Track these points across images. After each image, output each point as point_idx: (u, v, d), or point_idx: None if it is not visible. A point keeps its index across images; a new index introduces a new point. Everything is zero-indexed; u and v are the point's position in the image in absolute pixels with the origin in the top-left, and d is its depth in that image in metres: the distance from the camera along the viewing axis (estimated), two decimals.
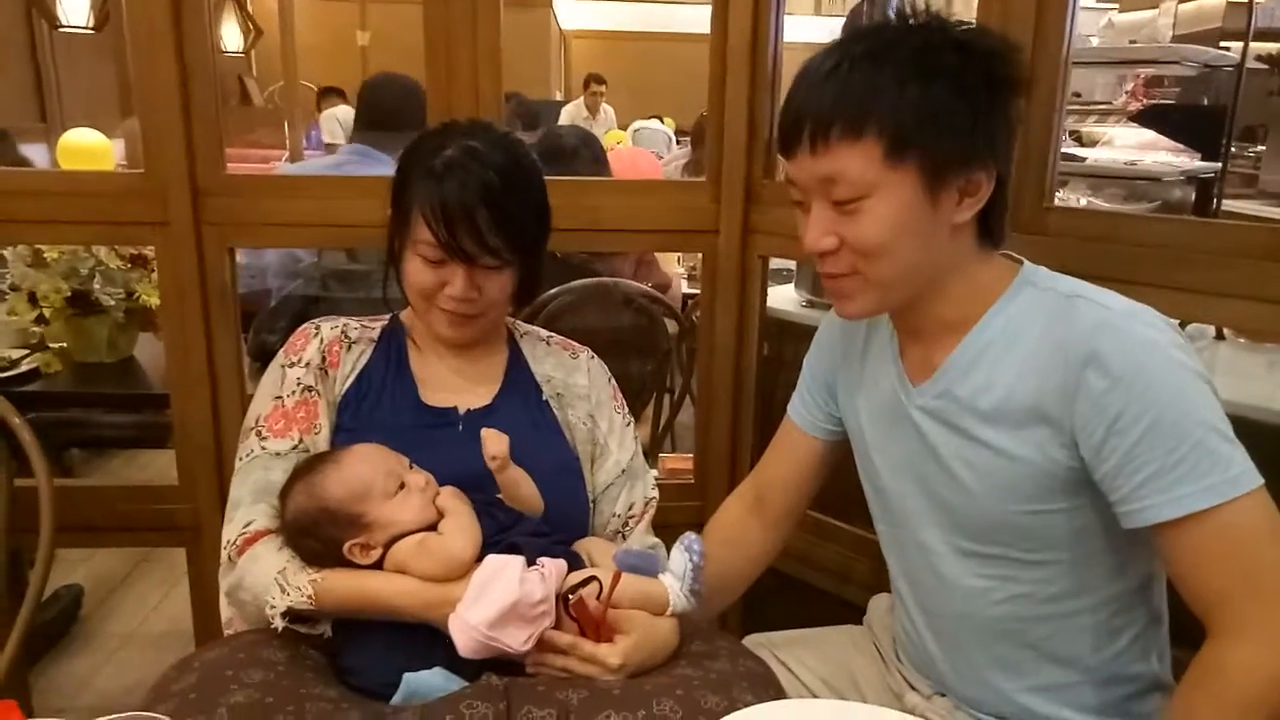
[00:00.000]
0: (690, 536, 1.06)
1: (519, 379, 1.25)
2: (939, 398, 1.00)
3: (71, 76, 4.78)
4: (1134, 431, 0.86)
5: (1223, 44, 3.25)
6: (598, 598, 0.98)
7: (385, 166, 2.22)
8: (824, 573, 1.63)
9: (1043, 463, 0.93)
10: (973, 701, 1.08)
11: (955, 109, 0.89)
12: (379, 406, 1.17)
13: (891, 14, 1.76)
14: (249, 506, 1.08)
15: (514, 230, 1.12)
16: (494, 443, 1.05)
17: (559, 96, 8.63)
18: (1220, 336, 1.46)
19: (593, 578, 0.99)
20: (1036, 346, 0.93)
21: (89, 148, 3.53)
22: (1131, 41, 3.36)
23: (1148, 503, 0.86)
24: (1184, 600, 0.90)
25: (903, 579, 1.13)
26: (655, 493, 1.28)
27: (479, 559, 1.00)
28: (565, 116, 7.74)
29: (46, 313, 1.99)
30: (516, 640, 0.95)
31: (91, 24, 4.02)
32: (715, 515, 1.31)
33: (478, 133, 1.16)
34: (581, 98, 7.80)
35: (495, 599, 0.94)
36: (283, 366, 1.18)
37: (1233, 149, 4.23)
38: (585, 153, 2.43)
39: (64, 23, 4.01)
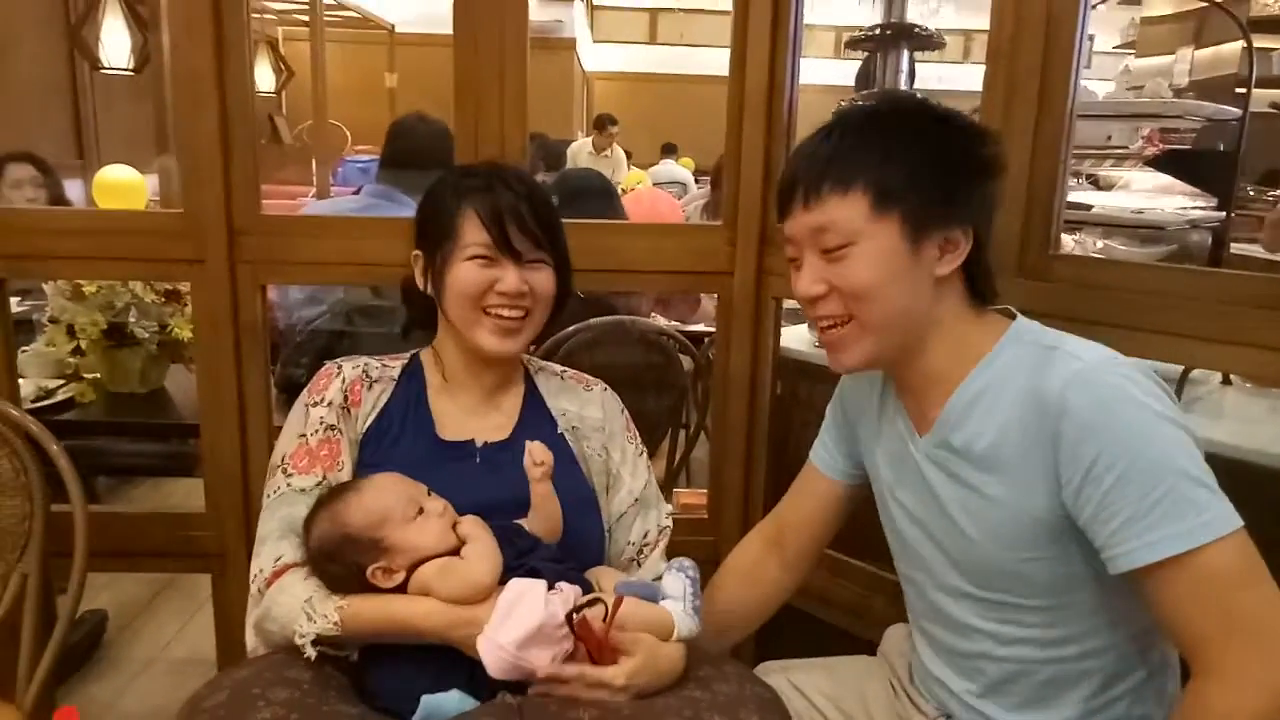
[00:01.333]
0: (680, 560, 1.12)
1: (535, 414, 1.29)
2: (939, 447, 1.05)
3: (107, 115, 4.93)
4: (1108, 479, 0.89)
5: (1239, 90, 3.29)
6: (603, 620, 1.02)
7: (408, 208, 2.29)
8: (839, 609, 1.65)
9: (1031, 509, 0.97)
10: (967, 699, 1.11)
11: (934, 172, 1.00)
12: (398, 443, 1.21)
13: (904, 67, 1.83)
14: (276, 541, 1.13)
15: (551, 229, 1.21)
16: (540, 451, 1.10)
17: (581, 137, 8.77)
18: (1227, 381, 1.48)
19: (598, 599, 1.03)
20: (1017, 397, 0.98)
21: (123, 184, 3.64)
22: (1134, 88, 3.40)
23: (1125, 548, 0.89)
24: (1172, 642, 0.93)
25: (921, 618, 1.17)
26: (669, 521, 1.32)
27: (501, 582, 1.03)
28: (572, 155, 7.75)
29: (83, 344, 2.05)
30: (542, 660, 0.98)
31: (132, 66, 4.16)
32: (734, 552, 1.35)
33: (499, 165, 1.26)
34: (591, 137, 7.78)
35: (522, 620, 0.97)
36: (307, 405, 1.22)
37: (1251, 192, 4.27)
38: (600, 195, 2.49)
39: (106, 65, 4.15)
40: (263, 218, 1.62)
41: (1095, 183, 4.14)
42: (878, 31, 1.92)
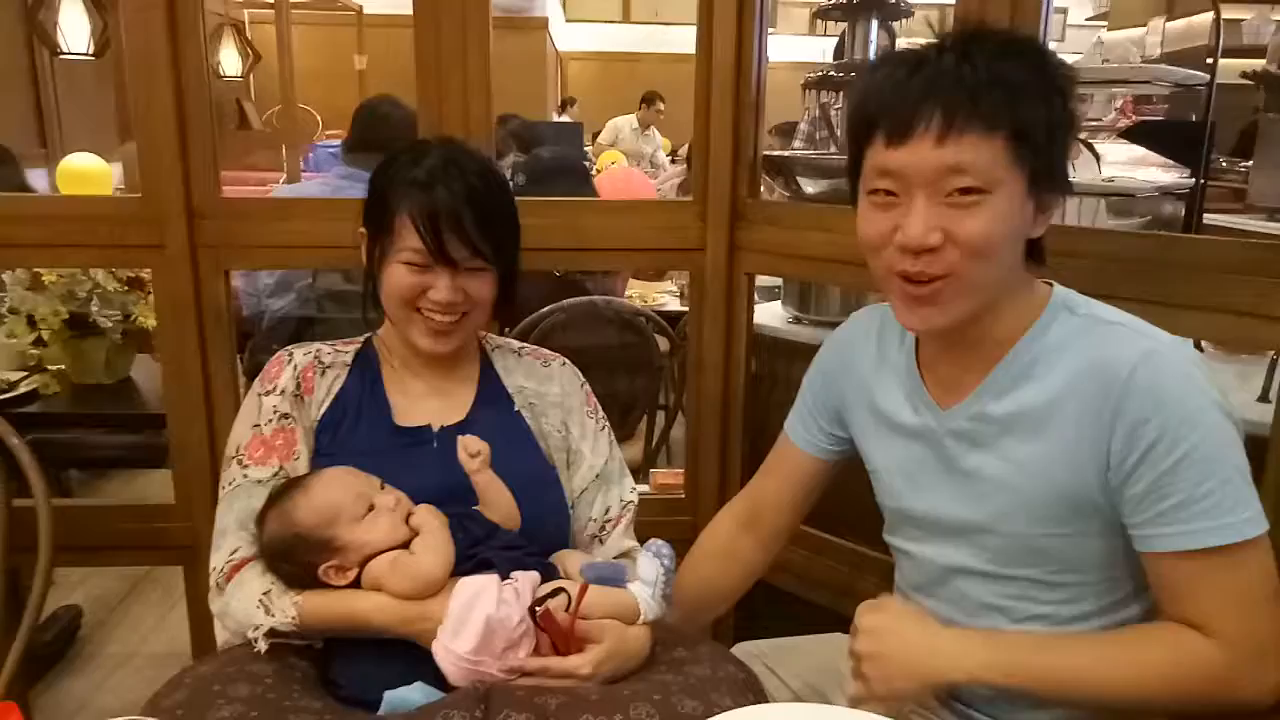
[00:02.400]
0: (658, 542, 1.08)
1: (491, 392, 1.26)
2: (972, 419, 1.01)
3: (71, 102, 4.83)
4: (1167, 461, 0.89)
5: (1210, 60, 3.29)
6: (566, 609, 1.00)
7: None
8: (824, 588, 1.65)
9: (1068, 482, 0.95)
10: (972, 705, 1.08)
11: (1062, 127, 0.92)
12: (355, 430, 1.19)
13: (872, 40, 1.79)
14: (234, 534, 1.11)
15: (497, 232, 1.16)
16: (473, 442, 1.08)
17: (555, 117, 8.69)
18: (1199, 348, 1.48)
19: (560, 589, 1.01)
20: (1077, 367, 0.94)
21: (88, 172, 3.57)
22: (1105, 61, 3.40)
23: (1168, 530, 0.90)
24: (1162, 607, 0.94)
25: (916, 594, 1.13)
26: (634, 496, 1.30)
27: (454, 574, 1.02)
28: (609, 130, 7.94)
29: (45, 335, 2.01)
30: (504, 663, 0.97)
31: (92, 51, 4.07)
32: (707, 529, 1.33)
33: (453, 146, 1.21)
34: (636, 113, 7.97)
35: (476, 626, 0.96)
36: (259, 395, 1.19)
37: (1223, 163, 4.28)
38: (570, 175, 2.46)
39: (65, 50, 4.06)
40: (223, 200, 1.59)
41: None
42: (847, 1, 1.90)
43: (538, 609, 0.99)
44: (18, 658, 1.35)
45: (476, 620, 0.96)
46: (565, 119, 8.06)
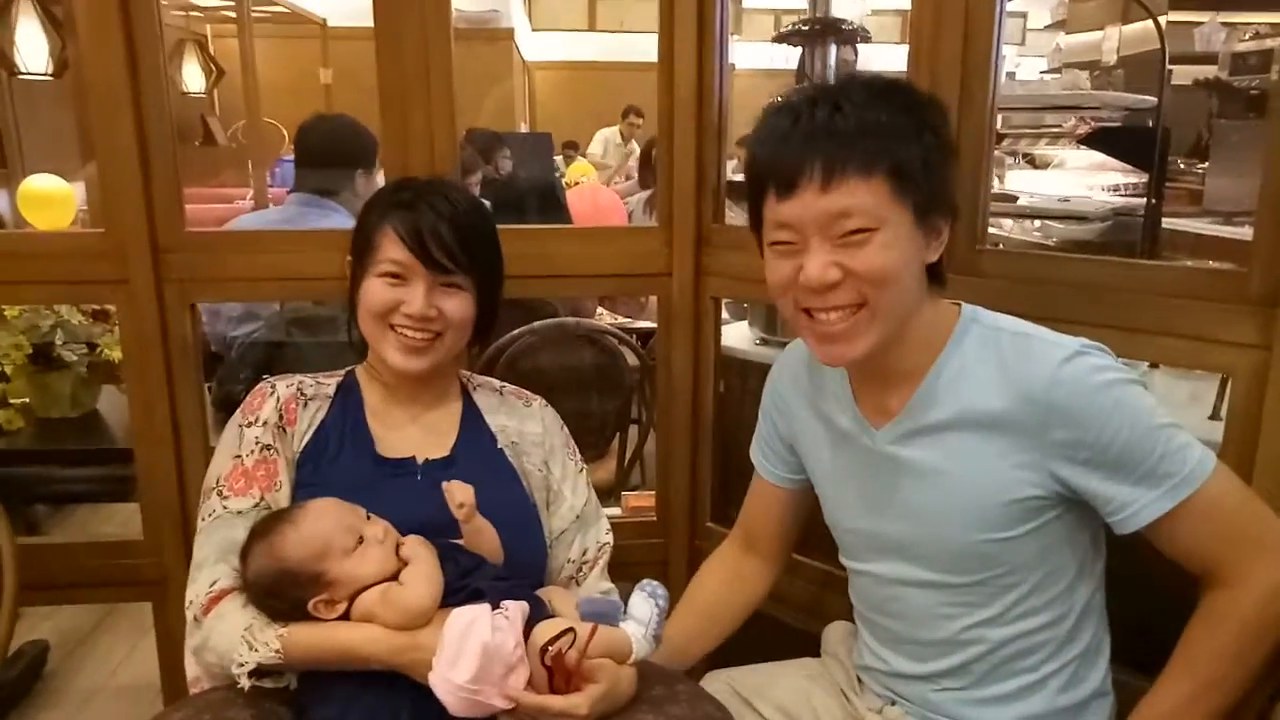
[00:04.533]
0: (652, 583, 1.10)
1: (474, 430, 1.27)
2: (908, 434, 1.06)
3: (30, 122, 4.76)
4: (1113, 450, 0.96)
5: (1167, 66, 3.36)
6: (572, 647, 1.00)
7: (336, 214, 2.25)
8: (791, 607, 1.66)
9: (1006, 488, 1.00)
10: (929, 706, 1.13)
11: (938, 157, 0.98)
12: (337, 461, 1.19)
13: (831, 61, 1.82)
14: (213, 566, 1.10)
15: (475, 251, 1.18)
16: (460, 491, 1.08)
17: (524, 128, 8.69)
18: (1154, 366, 1.52)
19: (570, 629, 1.02)
20: (996, 380, 1.00)
21: (50, 194, 3.51)
22: (1067, 65, 3.47)
23: (1143, 502, 0.96)
24: (1181, 567, 1.00)
25: (870, 611, 1.18)
26: (609, 538, 1.31)
27: (443, 605, 1.02)
28: (598, 141, 7.99)
29: (8, 370, 1.99)
30: (504, 690, 0.97)
31: (50, 71, 4.01)
32: (712, 556, 1.37)
33: (439, 180, 1.25)
34: (618, 126, 8.04)
35: (472, 655, 0.96)
36: (240, 426, 1.20)
37: (1181, 165, 4.37)
38: (546, 200, 2.47)
39: (22, 70, 4.00)
40: (189, 234, 1.58)
41: (1032, 161, 4.22)
42: (805, 27, 1.93)
43: (549, 649, 0.99)
44: None
45: (473, 648, 0.96)
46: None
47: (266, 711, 1.03)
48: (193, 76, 6.10)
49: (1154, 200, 1.93)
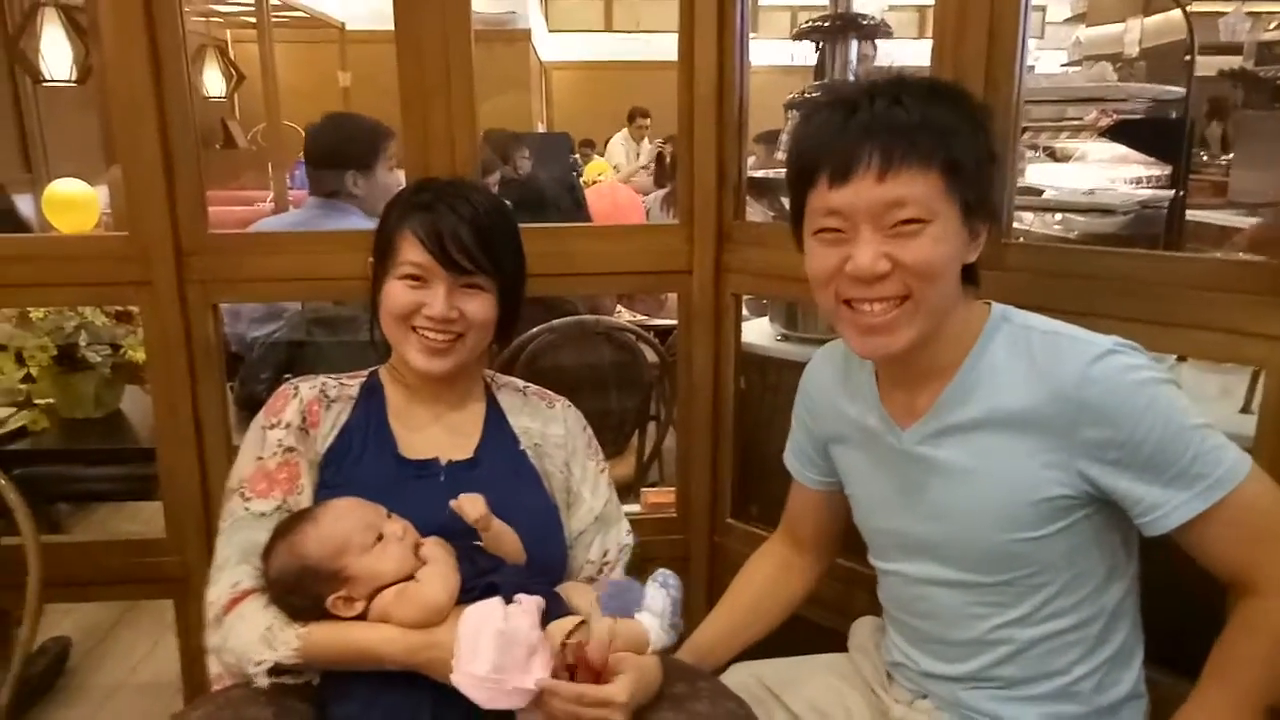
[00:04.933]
0: (665, 573, 1.10)
1: (498, 431, 1.27)
2: (936, 434, 1.05)
3: (55, 128, 4.81)
4: (1145, 449, 0.94)
5: (1188, 56, 3.31)
6: (587, 639, 1.01)
7: (353, 217, 2.26)
8: (820, 606, 1.65)
9: (1034, 489, 0.99)
10: (959, 703, 1.12)
11: (988, 160, 0.98)
12: (360, 462, 1.19)
13: (853, 57, 1.80)
14: (234, 567, 1.10)
15: (497, 252, 1.18)
16: (470, 507, 1.07)
17: (541, 128, 8.70)
18: (1182, 359, 1.49)
19: (582, 621, 1.02)
20: (1026, 380, 0.99)
21: (74, 198, 3.56)
22: (1088, 58, 3.44)
23: (1174, 503, 0.94)
24: (1210, 573, 0.98)
25: (899, 611, 1.17)
26: (630, 539, 1.31)
27: (460, 602, 1.02)
28: (615, 147, 8.10)
29: (33, 371, 2.00)
30: (529, 674, 0.97)
31: (74, 77, 4.06)
32: (758, 553, 1.37)
33: (458, 180, 1.25)
34: (626, 129, 8.15)
35: (489, 643, 0.96)
36: (263, 428, 1.20)
37: (1204, 157, 4.31)
38: (565, 199, 2.47)
39: (47, 77, 4.04)
40: (211, 236, 1.59)
41: (1053, 154, 4.18)
42: (825, 24, 1.91)
43: (568, 642, 0.99)
44: (10, 697, 1.35)
45: (487, 638, 0.96)
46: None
47: (287, 709, 1.03)
48: (213, 81, 6.17)
49: (1180, 192, 1.90)
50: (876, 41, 2.03)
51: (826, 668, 1.29)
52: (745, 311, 1.86)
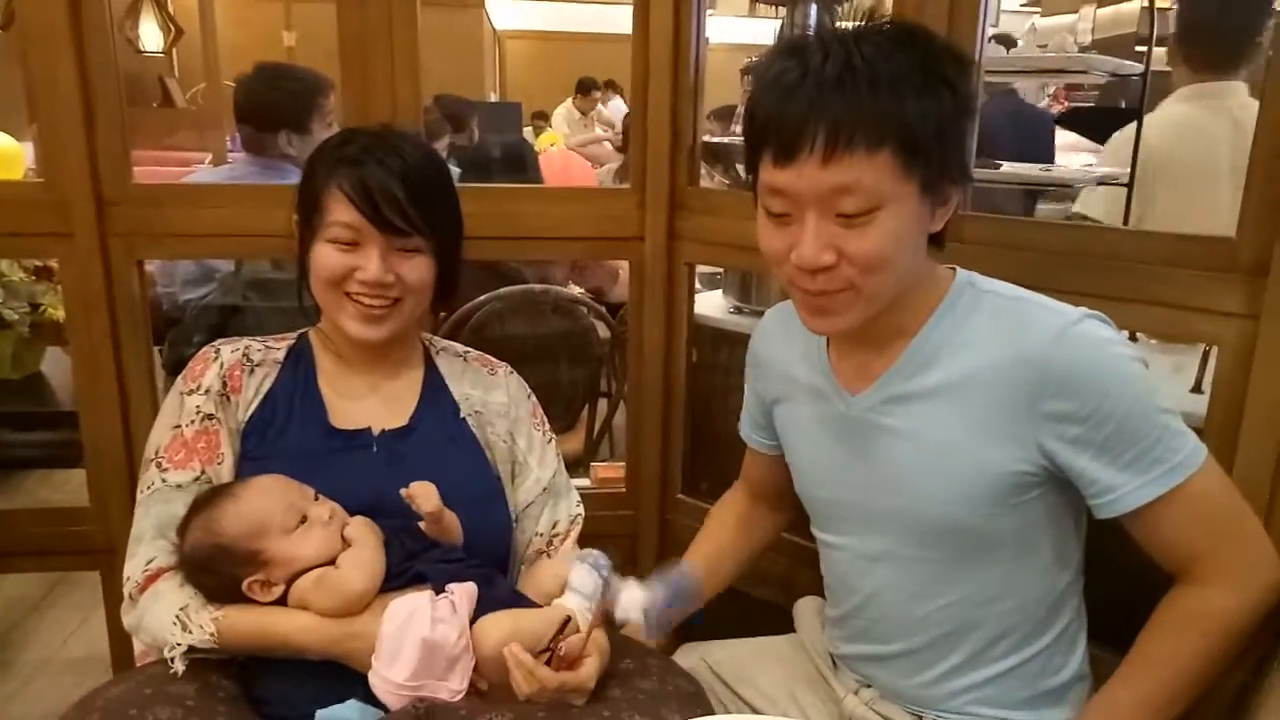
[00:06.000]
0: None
1: (436, 398, 1.21)
2: (882, 403, 1.01)
3: None
4: (1108, 426, 0.91)
5: (1139, 48, 3.35)
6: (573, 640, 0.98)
7: (289, 175, 2.17)
8: (765, 583, 1.63)
9: (988, 462, 0.95)
10: (904, 695, 1.09)
11: (955, 122, 0.90)
12: (286, 432, 1.13)
13: (812, 24, 1.75)
14: (150, 542, 1.05)
15: (432, 210, 1.11)
16: (423, 496, 1.01)
17: (494, 97, 8.55)
18: (1134, 338, 1.50)
19: (568, 619, 0.98)
20: (989, 351, 0.95)
21: None
22: (1041, 46, 3.47)
23: (1130, 487, 0.92)
24: (1155, 561, 0.96)
25: (841, 586, 1.14)
26: (580, 510, 1.27)
27: (386, 589, 0.97)
28: (558, 119, 7.86)
29: None
30: (447, 684, 0.94)
31: None
32: (720, 503, 1.35)
33: (388, 130, 1.16)
34: (572, 100, 7.92)
35: (410, 652, 0.92)
36: (181, 394, 1.13)
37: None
38: (513, 163, 2.40)
39: None
40: (135, 187, 1.50)
41: None
42: None
43: (559, 649, 0.96)
44: None
45: (411, 644, 0.92)
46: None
47: (212, 685, 0.98)
48: (151, 35, 5.91)
49: (1132, 170, 1.91)
50: (837, 9, 1.99)
51: (775, 657, 1.25)
52: (698, 284, 1.83)
